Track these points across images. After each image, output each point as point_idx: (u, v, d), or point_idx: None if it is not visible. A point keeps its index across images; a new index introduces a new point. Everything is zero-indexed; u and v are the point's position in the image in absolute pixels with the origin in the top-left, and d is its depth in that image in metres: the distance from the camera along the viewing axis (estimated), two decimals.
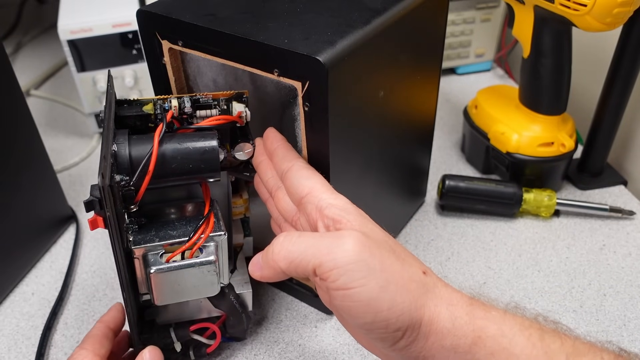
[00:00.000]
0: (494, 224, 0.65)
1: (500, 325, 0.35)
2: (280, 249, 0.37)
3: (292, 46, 0.40)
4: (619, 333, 0.53)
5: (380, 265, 0.35)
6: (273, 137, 0.45)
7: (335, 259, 0.35)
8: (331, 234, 0.37)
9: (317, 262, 0.35)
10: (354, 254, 0.35)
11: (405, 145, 0.58)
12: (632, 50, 0.60)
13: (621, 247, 0.62)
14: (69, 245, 0.63)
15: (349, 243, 0.35)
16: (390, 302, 0.34)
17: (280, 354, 0.52)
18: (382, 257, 0.36)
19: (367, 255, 0.35)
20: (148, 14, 0.46)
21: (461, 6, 0.85)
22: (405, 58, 0.49)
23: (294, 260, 0.37)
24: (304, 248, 0.37)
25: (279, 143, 0.45)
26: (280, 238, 0.38)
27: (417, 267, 0.37)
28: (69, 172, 0.75)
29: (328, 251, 0.35)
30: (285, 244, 0.37)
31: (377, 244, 0.36)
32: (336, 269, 0.35)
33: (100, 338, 0.44)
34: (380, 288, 0.34)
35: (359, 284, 0.34)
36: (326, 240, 0.36)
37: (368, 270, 0.35)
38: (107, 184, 0.36)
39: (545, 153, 0.65)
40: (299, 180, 0.41)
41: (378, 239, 0.37)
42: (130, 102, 0.45)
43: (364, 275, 0.34)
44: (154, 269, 0.41)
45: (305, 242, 0.37)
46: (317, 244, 0.36)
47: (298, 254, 0.37)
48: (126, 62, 0.75)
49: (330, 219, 0.38)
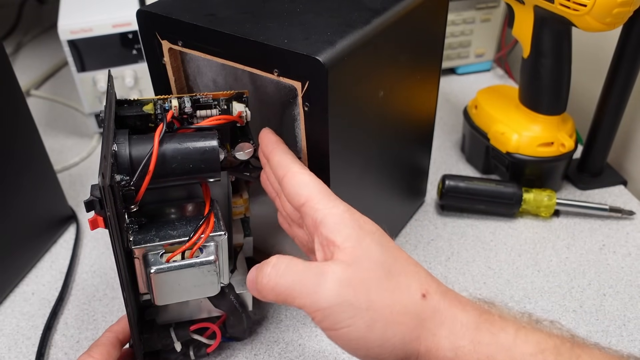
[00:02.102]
0: (493, 224, 0.65)
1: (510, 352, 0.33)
2: (267, 280, 0.37)
3: (292, 46, 0.40)
4: (619, 333, 0.53)
5: (366, 302, 0.34)
6: (268, 140, 0.44)
7: (317, 301, 0.34)
8: (316, 270, 0.35)
9: (301, 302, 0.35)
10: (335, 296, 0.34)
11: (405, 145, 0.58)
12: (632, 50, 0.60)
13: (621, 247, 0.62)
14: (69, 245, 0.63)
15: (331, 283, 0.34)
16: (380, 339, 0.34)
17: (280, 354, 0.52)
18: (369, 292, 0.34)
19: (351, 295, 0.34)
20: (148, 14, 0.46)
21: (461, 6, 0.85)
22: (405, 58, 0.49)
23: (280, 295, 0.36)
24: (289, 284, 0.35)
25: (273, 146, 0.43)
26: (268, 267, 0.37)
27: (415, 290, 0.35)
28: (69, 172, 0.75)
29: (311, 291, 0.34)
30: (272, 275, 0.36)
31: (366, 274, 0.35)
32: (319, 310, 0.34)
33: (109, 347, 0.44)
34: (367, 327, 0.33)
35: (345, 324, 0.34)
36: (310, 278, 0.35)
37: (353, 310, 0.33)
38: (107, 184, 0.36)
39: (545, 153, 0.65)
40: (294, 189, 0.40)
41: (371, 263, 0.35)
42: (131, 102, 0.45)
43: (349, 316, 0.33)
44: (154, 268, 0.41)
45: (290, 277, 0.36)
46: (301, 281, 0.35)
47: (284, 289, 0.36)
48: (126, 62, 0.75)
49: (325, 238, 0.37)
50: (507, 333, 0.33)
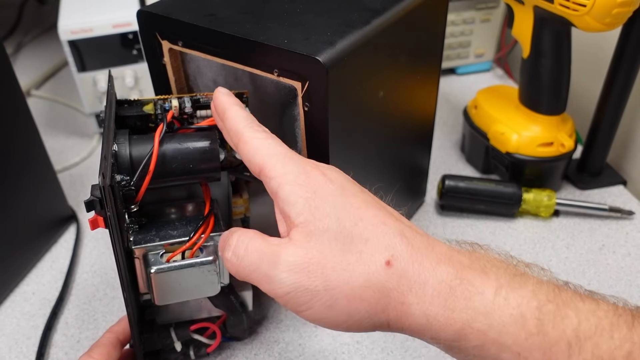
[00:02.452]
0: (493, 224, 0.65)
1: (488, 317, 0.30)
2: (230, 265, 0.36)
3: (292, 46, 0.40)
4: None
5: (323, 283, 0.33)
6: (219, 102, 0.40)
7: (273, 290, 0.34)
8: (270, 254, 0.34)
9: (262, 288, 0.35)
10: (289, 283, 0.33)
11: (405, 145, 0.58)
12: (631, 50, 0.60)
13: (620, 247, 0.62)
14: (70, 245, 0.63)
15: (283, 272, 0.33)
16: (344, 316, 0.33)
17: (280, 354, 0.52)
18: (325, 272, 0.33)
19: (305, 279, 0.33)
20: (148, 15, 0.46)
21: (461, 6, 0.85)
22: (405, 58, 0.49)
23: (244, 279, 0.36)
24: (248, 272, 0.35)
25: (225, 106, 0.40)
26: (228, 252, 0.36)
27: (379, 258, 0.33)
28: (70, 172, 0.75)
29: (267, 280, 0.34)
30: (233, 261, 0.36)
31: (321, 252, 0.33)
32: (279, 298, 0.34)
33: (109, 348, 0.44)
34: (327, 307, 0.33)
35: (304, 308, 0.33)
36: (265, 267, 0.34)
37: (309, 294, 0.33)
38: (107, 184, 0.36)
39: (544, 153, 0.65)
40: (249, 157, 0.37)
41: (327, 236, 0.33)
42: (131, 102, 0.45)
43: (306, 300, 0.33)
44: (155, 268, 0.41)
45: (249, 264, 0.35)
46: (257, 269, 0.34)
47: (245, 276, 0.35)
48: (126, 62, 0.75)
49: (281, 210, 0.35)
50: (484, 295, 0.31)
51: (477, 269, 0.32)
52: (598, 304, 0.31)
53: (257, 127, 0.38)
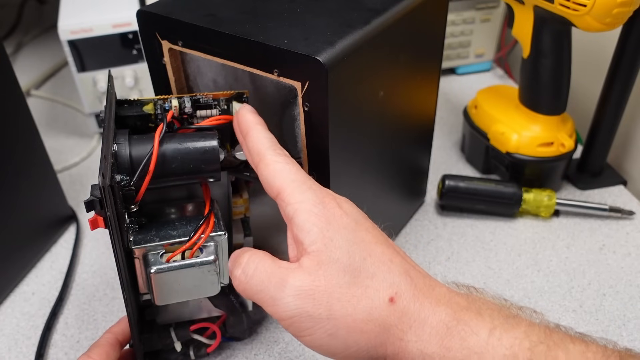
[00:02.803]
0: (493, 224, 0.65)
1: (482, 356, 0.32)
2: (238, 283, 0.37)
3: (291, 46, 0.40)
4: (619, 333, 0.53)
5: (326, 312, 0.33)
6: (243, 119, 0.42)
7: (277, 312, 0.35)
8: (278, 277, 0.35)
9: (267, 310, 0.36)
10: (294, 308, 0.34)
11: (405, 145, 0.58)
12: (632, 50, 0.60)
13: (621, 247, 0.62)
14: (69, 245, 0.63)
15: (290, 296, 0.34)
16: (342, 346, 0.34)
17: (280, 354, 0.52)
18: (331, 301, 0.34)
19: (310, 306, 0.34)
20: (148, 14, 0.46)
21: (461, 6, 0.85)
22: (405, 58, 0.49)
23: (251, 297, 0.37)
24: (255, 291, 0.36)
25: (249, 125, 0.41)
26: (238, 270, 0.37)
27: (383, 295, 0.34)
28: (69, 172, 0.75)
29: (272, 303, 0.35)
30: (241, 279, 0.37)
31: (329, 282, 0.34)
32: (282, 321, 0.35)
33: (108, 348, 0.44)
34: (329, 336, 0.34)
35: (306, 334, 0.34)
36: (272, 289, 0.35)
37: (312, 321, 0.34)
38: (107, 184, 0.36)
39: (544, 153, 0.65)
40: (268, 179, 0.38)
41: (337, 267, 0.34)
42: (131, 102, 0.45)
43: (308, 326, 0.34)
44: (154, 268, 0.41)
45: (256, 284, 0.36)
46: (264, 290, 0.35)
47: (251, 296, 0.36)
48: (126, 62, 0.75)
49: (295, 236, 0.36)
50: (479, 336, 0.32)
51: (473, 311, 0.33)
52: (587, 345, 0.32)
53: (279, 150, 0.39)
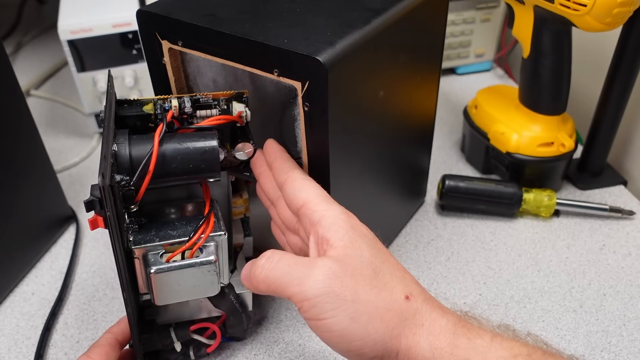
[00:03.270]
0: (494, 224, 0.65)
1: (485, 354, 0.34)
2: (260, 271, 0.38)
3: (291, 46, 0.40)
4: (619, 333, 0.53)
5: (352, 295, 0.35)
6: (271, 149, 0.46)
7: (304, 291, 0.36)
8: (306, 262, 0.37)
9: (290, 291, 0.36)
10: (322, 286, 0.35)
11: (405, 145, 0.58)
12: (632, 50, 0.60)
13: (621, 247, 0.62)
14: (69, 245, 0.63)
15: (319, 274, 0.36)
16: (362, 333, 0.35)
17: (280, 354, 0.52)
18: (356, 286, 0.36)
19: (338, 286, 0.35)
20: (148, 14, 0.46)
21: (461, 6, 0.85)
22: (405, 58, 0.49)
23: (271, 285, 0.38)
24: (280, 274, 0.37)
25: (277, 154, 0.45)
26: (262, 259, 0.39)
27: (400, 292, 0.37)
28: (69, 172, 0.75)
29: (300, 282, 0.36)
30: (266, 266, 0.38)
31: (354, 270, 0.36)
32: (306, 300, 0.35)
33: (107, 348, 0.44)
34: (351, 319, 0.35)
35: (329, 315, 0.35)
36: (300, 270, 0.37)
37: (338, 301, 0.35)
38: (107, 184, 0.36)
39: (545, 153, 0.65)
40: (294, 191, 0.42)
41: (361, 261, 0.37)
42: (131, 102, 0.45)
43: (333, 307, 0.35)
44: (154, 268, 0.41)
45: (282, 268, 0.37)
46: (291, 272, 0.37)
47: (275, 280, 0.37)
48: (126, 62, 0.75)
49: (320, 237, 0.38)
50: (482, 339, 0.35)
51: (475, 322, 0.37)
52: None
53: (302, 170, 0.44)
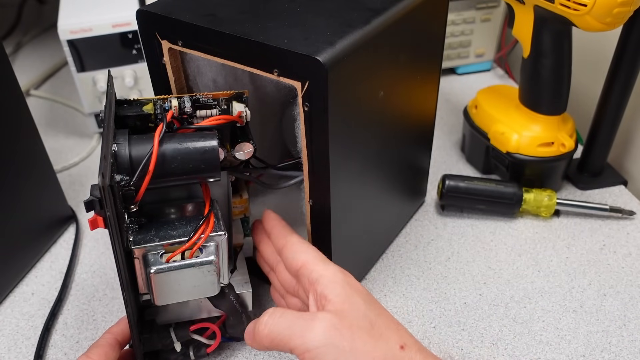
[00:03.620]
0: (494, 224, 0.65)
1: None
2: (264, 327, 0.41)
3: (291, 46, 0.40)
4: (619, 333, 0.53)
5: (349, 345, 0.38)
6: (269, 217, 0.49)
7: (306, 343, 0.38)
8: (307, 316, 0.40)
9: (292, 344, 0.39)
10: (323, 338, 0.38)
11: (405, 145, 0.58)
12: (632, 50, 0.60)
13: (621, 247, 0.62)
14: (69, 245, 0.63)
15: (319, 327, 0.38)
16: None
17: (280, 354, 0.52)
18: (354, 337, 0.38)
19: (337, 339, 0.38)
20: (148, 14, 0.46)
21: (461, 6, 0.85)
22: (405, 58, 0.49)
23: (274, 340, 0.40)
24: (282, 328, 0.40)
25: (274, 222, 0.49)
26: (265, 317, 0.41)
27: (395, 342, 0.39)
28: (69, 172, 0.75)
29: (301, 334, 0.38)
30: (269, 322, 0.41)
31: (351, 322, 0.39)
32: (307, 352, 0.38)
33: (107, 349, 0.44)
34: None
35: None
36: (301, 323, 0.39)
37: (337, 352, 0.37)
38: (107, 184, 0.36)
39: (545, 153, 0.65)
40: (293, 254, 0.45)
41: (357, 315, 0.39)
42: (130, 102, 0.45)
43: (333, 357, 0.37)
44: (154, 269, 0.41)
45: (284, 322, 0.40)
46: (293, 326, 0.39)
47: (277, 334, 0.40)
48: (126, 62, 0.75)
49: (319, 294, 0.41)
50: None
51: None
52: None
53: (301, 237, 0.47)
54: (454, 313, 0.55)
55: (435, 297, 0.57)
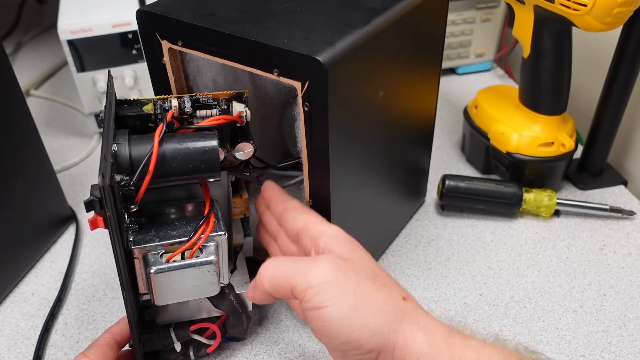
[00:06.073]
0: (494, 224, 0.65)
1: (480, 353, 0.36)
2: (265, 270, 0.40)
3: (291, 46, 0.40)
4: (619, 333, 0.53)
5: (354, 287, 0.37)
6: (269, 187, 0.49)
7: (309, 280, 0.37)
8: (310, 258, 0.40)
9: (294, 282, 0.38)
10: (326, 275, 0.37)
11: (405, 145, 0.58)
12: (632, 50, 0.60)
13: (621, 247, 0.62)
14: (69, 245, 0.63)
15: (323, 265, 0.38)
16: (361, 322, 0.36)
17: (280, 354, 0.52)
18: (358, 279, 0.38)
19: (341, 277, 0.37)
20: (148, 14, 0.46)
21: (461, 6, 0.85)
22: (405, 58, 0.49)
23: (275, 281, 0.39)
24: (285, 270, 0.39)
25: (274, 191, 0.48)
26: (267, 261, 0.41)
27: (397, 293, 0.39)
28: (69, 172, 0.75)
29: (304, 272, 0.38)
30: (270, 266, 0.40)
31: (356, 268, 0.38)
32: (310, 288, 0.37)
33: (105, 348, 0.44)
34: (351, 308, 0.36)
35: (331, 303, 0.36)
36: (304, 263, 0.39)
37: (340, 290, 0.37)
38: (107, 184, 0.36)
39: (545, 153, 0.65)
40: (293, 216, 0.44)
41: (362, 263, 0.39)
42: (130, 102, 0.45)
43: (335, 295, 0.37)
44: (154, 269, 0.41)
45: (287, 263, 0.39)
46: (296, 266, 0.39)
47: (279, 275, 0.39)
48: (126, 62, 0.75)
49: (321, 249, 0.41)
50: (476, 341, 0.37)
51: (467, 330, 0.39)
52: None
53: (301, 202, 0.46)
54: (454, 313, 0.55)
55: (435, 297, 0.57)
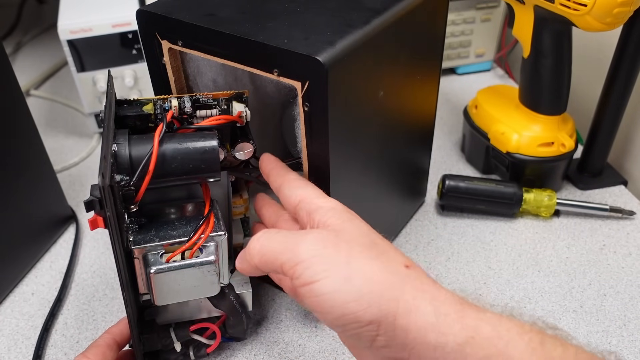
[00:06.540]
0: (494, 224, 0.65)
1: (496, 326, 0.32)
2: (256, 243, 0.39)
3: (291, 46, 0.40)
4: (619, 333, 0.53)
5: (346, 258, 0.35)
6: (268, 160, 0.47)
7: (299, 254, 0.36)
8: (301, 231, 0.38)
9: (284, 258, 0.36)
10: (315, 247, 0.36)
11: (405, 145, 0.58)
12: (632, 50, 0.60)
13: (621, 247, 0.61)
14: (69, 245, 0.63)
15: (311, 238, 0.36)
16: (356, 294, 0.33)
17: (280, 354, 0.52)
18: (351, 251, 0.36)
19: (331, 249, 0.35)
20: (148, 14, 0.46)
21: (461, 6, 0.85)
22: (405, 58, 0.49)
23: (265, 255, 0.38)
24: (275, 244, 0.38)
25: (273, 163, 0.47)
26: (259, 233, 0.39)
27: (398, 261, 0.36)
28: (69, 172, 0.75)
29: (293, 247, 0.36)
30: (261, 239, 0.39)
31: (351, 238, 0.37)
32: (300, 262, 0.35)
33: (105, 349, 0.44)
34: (344, 280, 0.34)
35: (322, 276, 0.34)
36: (294, 237, 0.37)
37: (331, 262, 0.35)
38: (107, 184, 0.36)
39: (545, 153, 0.65)
40: (291, 190, 0.43)
41: (359, 233, 0.38)
42: (130, 102, 0.45)
43: (326, 267, 0.35)
44: (154, 269, 0.41)
45: (278, 238, 0.38)
46: (286, 240, 0.37)
47: (269, 249, 0.38)
48: (126, 62, 0.75)
49: (317, 223, 0.39)
50: (492, 313, 0.33)
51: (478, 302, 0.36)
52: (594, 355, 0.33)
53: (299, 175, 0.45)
54: None
55: None
